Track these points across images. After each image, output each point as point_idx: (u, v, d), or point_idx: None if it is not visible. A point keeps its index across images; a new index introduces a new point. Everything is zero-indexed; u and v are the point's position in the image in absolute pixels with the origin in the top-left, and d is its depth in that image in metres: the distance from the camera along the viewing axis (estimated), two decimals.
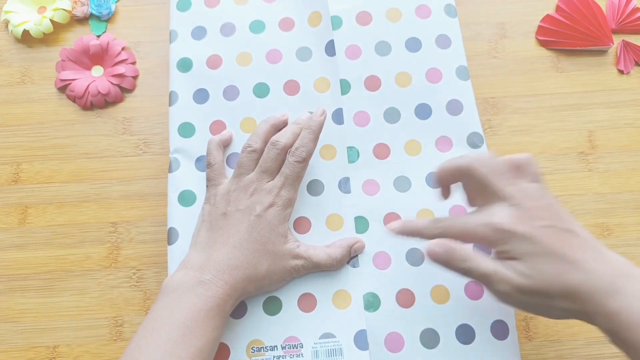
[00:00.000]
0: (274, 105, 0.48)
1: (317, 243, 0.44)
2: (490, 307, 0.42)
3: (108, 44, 0.53)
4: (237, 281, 0.39)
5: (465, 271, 0.36)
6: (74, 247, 0.48)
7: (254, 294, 0.41)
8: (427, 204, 0.45)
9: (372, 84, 0.48)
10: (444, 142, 0.46)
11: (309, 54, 0.49)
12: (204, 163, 0.46)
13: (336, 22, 0.50)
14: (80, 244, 0.48)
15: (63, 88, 0.53)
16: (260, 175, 0.42)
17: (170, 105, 0.48)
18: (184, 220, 0.44)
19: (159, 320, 0.37)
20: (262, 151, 0.43)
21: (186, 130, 0.47)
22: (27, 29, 0.53)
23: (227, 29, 0.50)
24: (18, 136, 0.52)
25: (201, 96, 0.48)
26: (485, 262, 0.35)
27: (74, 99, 0.52)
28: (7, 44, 0.55)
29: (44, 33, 0.54)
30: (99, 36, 0.54)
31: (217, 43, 0.49)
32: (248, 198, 0.41)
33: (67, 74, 0.53)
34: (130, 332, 0.46)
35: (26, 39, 0.55)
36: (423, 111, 0.47)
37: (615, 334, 0.33)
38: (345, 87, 0.48)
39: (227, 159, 0.46)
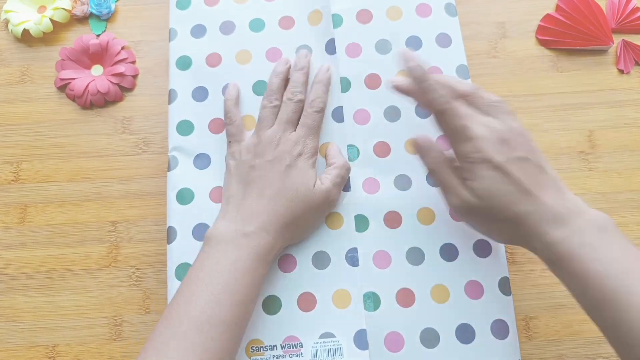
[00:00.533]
0: None
1: (317, 241, 0.44)
2: (490, 307, 0.42)
3: (108, 43, 0.53)
4: (277, 230, 0.40)
5: (431, 170, 0.41)
6: (74, 246, 0.48)
7: (291, 241, 0.43)
8: (427, 203, 0.45)
9: (373, 82, 0.48)
10: (444, 141, 0.46)
11: (309, 52, 0.49)
12: (202, 161, 0.46)
13: (337, 21, 0.50)
14: (80, 243, 0.48)
15: (63, 87, 0.53)
16: (283, 126, 0.43)
17: (169, 103, 0.48)
18: (182, 218, 0.44)
19: (205, 270, 0.38)
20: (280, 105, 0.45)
21: (185, 128, 0.47)
22: (27, 28, 0.53)
23: (227, 27, 0.50)
24: (18, 135, 0.52)
25: (200, 94, 0.48)
26: (449, 175, 0.39)
27: (73, 98, 0.52)
28: (7, 43, 0.55)
29: (43, 32, 0.54)
30: (98, 35, 0.54)
31: (217, 41, 0.49)
32: (274, 149, 0.42)
33: (66, 73, 0.52)
34: (130, 331, 0.46)
35: (26, 38, 0.55)
36: (424, 110, 0.47)
37: (554, 263, 0.35)
38: (345, 85, 0.48)
39: (226, 156, 0.46)
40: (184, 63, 0.49)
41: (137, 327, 0.46)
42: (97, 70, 0.53)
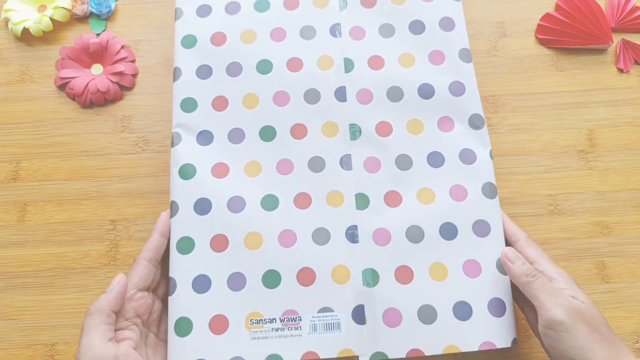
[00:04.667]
0: (277, 82, 0.48)
1: (317, 219, 0.44)
2: (487, 285, 0.42)
3: (108, 42, 0.53)
4: None
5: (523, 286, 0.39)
6: (73, 244, 0.48)
7: None
8: (427, 183, 0.45)
9: (376, 63, 0.48)
10: (445, 122, 0.46)
11: (313, 33, 0.49)
12: (205, 137, 0.46)
13: (341, 5, 0.50)
14: (80, 241, 0.48)
15: (63, 86, 0.53)
16: None
17: (174, 80, 0.48)
18: (184, 193, 0.44)
19: None
20: None
21: (188, 105, 0.47)
22: (27, 27, 0.53)
23: (232, 7, 0.50)
24: (18, 134, 0.52)
25: (204, 72, 0.48)
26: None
27: (73, 96, 0.52)
28: (7, 42, 0.55)
29: (43, 31, 0.54)
30: (98, 34, 0.54)
31: (222, 21, 0.50)
32: None
33: (66, 72, 0.53)
34: None
35: (26, 37, 0.55)
36: (425, 91, 0.47)
37: None
38: (348, 65, 0.48)
39: (229, 133, 0.46)
40: (189, 42, 0.49)
41: None
42: (97, 69, 0.53)
